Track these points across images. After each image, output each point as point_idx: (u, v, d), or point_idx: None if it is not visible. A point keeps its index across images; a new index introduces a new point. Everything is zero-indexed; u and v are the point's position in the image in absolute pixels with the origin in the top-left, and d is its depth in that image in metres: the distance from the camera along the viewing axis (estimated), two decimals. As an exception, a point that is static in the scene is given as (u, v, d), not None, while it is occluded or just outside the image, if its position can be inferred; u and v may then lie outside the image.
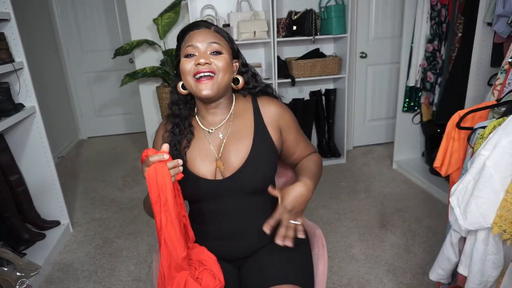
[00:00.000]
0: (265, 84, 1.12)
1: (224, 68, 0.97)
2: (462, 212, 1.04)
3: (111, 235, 2.31)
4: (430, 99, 2.63)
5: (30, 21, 3.38)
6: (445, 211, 2.33)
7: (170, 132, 1.06)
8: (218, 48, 0.97)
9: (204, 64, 0.95)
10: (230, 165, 1.01)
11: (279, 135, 1.07)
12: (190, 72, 0.97)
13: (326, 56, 3.01)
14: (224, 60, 0.97)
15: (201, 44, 0.97)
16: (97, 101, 4.32)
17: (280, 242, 0.91)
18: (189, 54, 0.97)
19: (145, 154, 0.88)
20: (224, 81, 0.98)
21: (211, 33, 0.99)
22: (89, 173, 3.32)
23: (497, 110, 1.32)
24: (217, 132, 1.05)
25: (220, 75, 0.97)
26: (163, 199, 0.86)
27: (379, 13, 3.16)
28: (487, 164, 0.97)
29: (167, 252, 0.89)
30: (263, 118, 1.05)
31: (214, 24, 1.03)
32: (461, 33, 2.20)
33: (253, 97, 1.09)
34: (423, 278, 1.80)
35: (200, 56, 0.96)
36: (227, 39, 1.02)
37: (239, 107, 1.07)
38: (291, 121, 1.10)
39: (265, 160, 1.02)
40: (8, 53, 1.91)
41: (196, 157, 1.03)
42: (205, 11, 2.86)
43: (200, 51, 0.97)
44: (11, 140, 2.10)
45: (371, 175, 2.96)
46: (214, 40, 0.97)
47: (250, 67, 1.10)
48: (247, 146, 1.02)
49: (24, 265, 1.71)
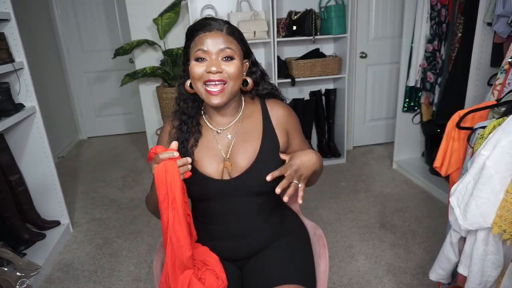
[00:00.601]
0: (272, 86, 1.11)
1: (235, 75, 0.95)
2: (462, 212, 1.04)
3: (111, 235, 2.31)
4: (430, 99, 2.63)
5: (30, 21, 3.38)
6: (445, 211, 2.33)
7: (178, 129, 1.05)
8: (230, 54, 0.94)
9: (216, 72, 0.93)
10: (237, 166, 1.01)
11: (286, 138, 1.07)
12: (200, 78, 0.95)
13: (326, 56, 3.01)
14: (235, 66, 0.95)
15: (212, 49, 0.93)
16: (97, 101, 4.32)
17: (278, 190, 0.87)
18: (200, 58, 0.94)
19: (153, 151, 0.87)
20: (234, 88, 0.97)
21: (223, 36, 0.94)
22: (89, 173, 3.32)
23: (497, 110, 1.32)
24: (226, 132, 1.05)
25: (231, 83, 0.95)
26: (171, 197, 0.85)
27: (379, 13, 3.16)
28: (487, 164, 0.97)
29: (172, 251, 0.88)
30: (272, 121, 1.06)
31: (226, 23, 0.98)
32: (461, 33, 2.20)
33: (261, 99, 1.09)
34: (423, 278, 1.80)
35: (211, 63, 0.93)
36: (239, 40, 0.98)
37: (248, 109, 1.07)
38: (297, 125, 1.11)
39: (272, 162, 1.02)
40: (8, 53, 1.91)
41: (204, 156, 1.03)
42: (205, 11, 2.86)
43: (211, 56, 0.93)
44: (11, 140, 2.10)
45: (371, 175, 2.96)
46: (226, 46, 0.94)
47: (259, 66, 1.08)
48: (255, 147, 1.02)
49: (24, 265, 1.71)
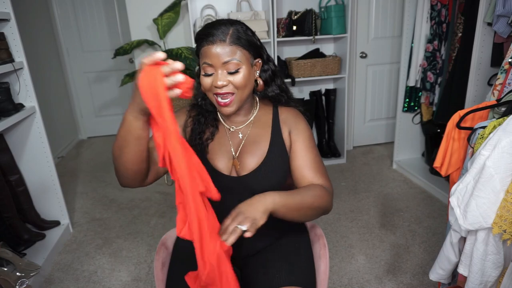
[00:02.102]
0: (280, 89, 1.09)
1: (243, 84, 0.95)
2: (462, 212, 1.04)
3: (111, 235, 2.31)
4: (430, 99, 2.63)
5: (30, 21, 3.38)
6: (445, 211, 2.33)
7: (196, 120, 1.07)
8: (234, 67, 0.93)
9: (222, 86, 0.93)
10: (245, 166, 1.03)
11: (291, 144, 1.07)
12: (210, 90, 0.96)
13: (326, 56, 3.01)
14: (241, 76, 0.94)
15: (216, 63, 0.92)
16: (97, 101, 4.31)
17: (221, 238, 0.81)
18: (207, 74, 0.94)
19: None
20: (244, 95, 0.98)
21: (227, 47, 0.92)
22: (89, 173, 3.32)
23: (497, 110, 1.32)
24: (238, 131, 1.07)
25: (239, 93, 0.96)
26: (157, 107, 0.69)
27: (379, 13, 3.16)
28: (487, 164, 0.97)
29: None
30: (281, 127, 1.06)
31: (230, 27, 0.94)
32: (461, 33, 2.20)
33: (274, 105, 1.10)
34: (423, 278, 1.80)
35: (217, 78, 0.93)
36: (245, 46, 0.94)
37: (261, 112, 1.09)
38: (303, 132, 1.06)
39: (278, 167, 1.03)
40: (8, 53, 1.91)
41: (217, 151, 1.05)
42: (205, 11, 2.86)
43: (216, 70, 0.93)
44: (11, 140, 2.10)
45: (371, 175, 2.96)
46: (230, 58, 0.92)
47: (271, 64, 1.06)
48: (263, 150, 1.04)
49: (24, 265, 1.71)
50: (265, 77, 1.05)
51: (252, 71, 0.99)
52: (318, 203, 0.94)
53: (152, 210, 2.58)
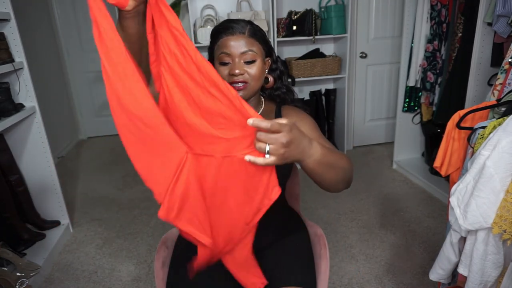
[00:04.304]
0: (285, 89, 1.11)
1: (257, 76, 0.99)
2: (462, 212, 1.04)
3: (111, 235, 2.31)
4: (430, 99, 2.63)
5: (30, 21, 3.38)
6: (445, 211, 2.33)
7: None
8: (251, 57, 0.98)
9: (238, 75, 0.96)
10: None
11: None
12: (224, 79, 0.97)
13: (326, 56, 3.01)
14: (257, 68, 0.98)
15: (235, 52, 0.97)
16: (97, 101, 4.31)
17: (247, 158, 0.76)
18: (224, 62, 0.98)
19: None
20: (256, 87, 1.01)
21: (245, 39, 0.98)
22: (89, 173, 3.32)
23: (497, 110, 1.32)
24: None
25: (252, 83, 0.99)
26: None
27: (379, 13, 3.16)
28: (487, 164, 0.97)
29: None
30: None
31: (248, 23, 1.00)
32: (461, 33, 2.20)
33: (277, 104, 1.11)
34: (423, 278, 1.80)
35: (235, 67, 0.96)
36: (261, 41, 1.01)
37: (265, 111, 1.10)
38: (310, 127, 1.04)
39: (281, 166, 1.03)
40: (8, 53, 1.91)
41: None
42: (205, 11, 2.86)
43: (234, 59, 0.97)
44: (11, 140, 2.09)
45: (371, 175, 2.96)
46: (248, 49, 0.97)
47: (279, 65, 1.11)
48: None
49: (24, 265, 1.71)
50: (274, 75, 1.09)
51: (264, 66, 1.03)
52: (349, 167, 0.91)
53: (152, 210, 2.58)
